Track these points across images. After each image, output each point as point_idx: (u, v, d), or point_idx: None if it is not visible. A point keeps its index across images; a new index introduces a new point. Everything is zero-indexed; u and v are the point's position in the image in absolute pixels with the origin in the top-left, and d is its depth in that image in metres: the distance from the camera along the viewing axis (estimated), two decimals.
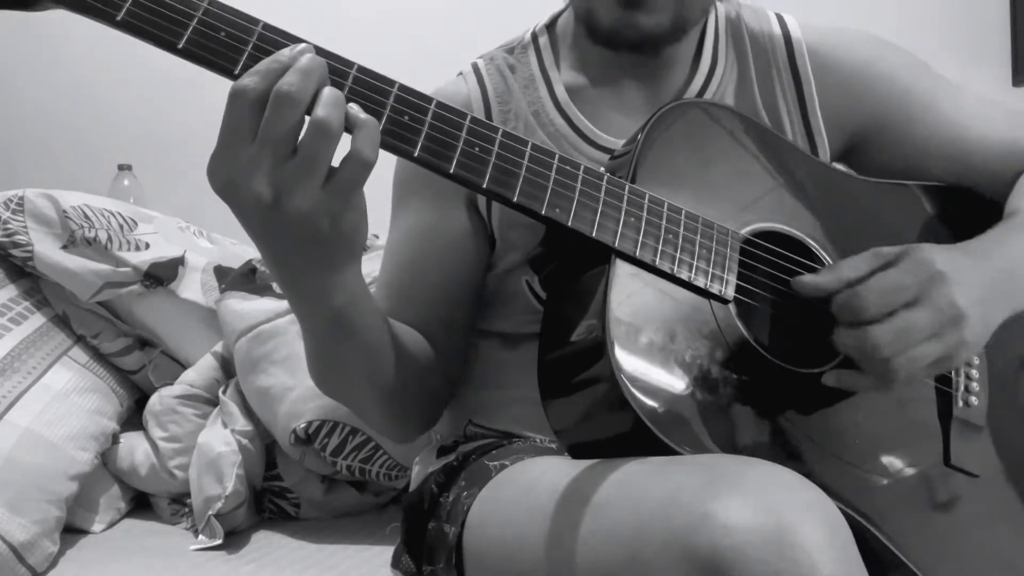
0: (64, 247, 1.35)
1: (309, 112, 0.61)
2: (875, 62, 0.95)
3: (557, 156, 0.71)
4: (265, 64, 0.61)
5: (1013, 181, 0.92)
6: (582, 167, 0.71)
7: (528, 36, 0.98)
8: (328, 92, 0.61)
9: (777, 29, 0.95)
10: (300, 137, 0.61)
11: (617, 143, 0.90)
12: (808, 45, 0.94)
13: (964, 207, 0.92)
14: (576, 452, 0.74)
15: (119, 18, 0.61)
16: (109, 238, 1.36)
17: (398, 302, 0.92)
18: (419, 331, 0.90)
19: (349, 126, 0.63)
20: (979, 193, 0.94)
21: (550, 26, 0.98)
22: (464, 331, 0.95)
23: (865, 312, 0.69)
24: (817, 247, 0.81)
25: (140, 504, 1.38)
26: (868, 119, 0.94)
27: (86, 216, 1.37)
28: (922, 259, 0.72)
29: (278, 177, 0.61)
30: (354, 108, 0.63)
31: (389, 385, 0.81)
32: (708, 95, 0.93)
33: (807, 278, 0.74)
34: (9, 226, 1.34)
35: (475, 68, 0.97)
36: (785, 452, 0.70)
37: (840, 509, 0.63)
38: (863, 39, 0.96)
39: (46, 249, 1.34)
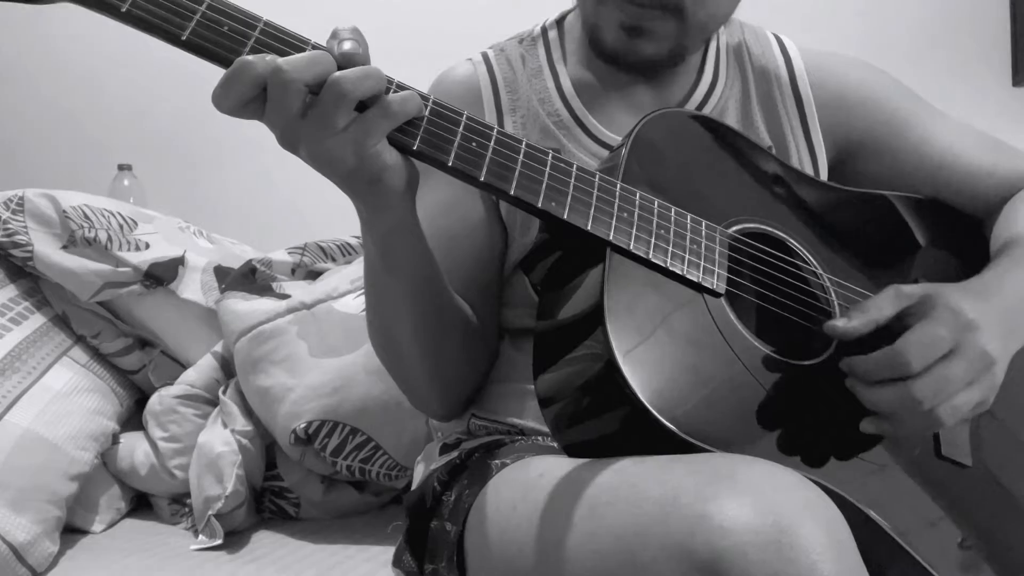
0: (64, 247, 1.35)
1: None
2: (865, 83, 1.00)
3: (551, 154, 0.72)
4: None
5: (987, 202, 0.97)
6: (575, 165, 0.73)
7: (538, 29, 1.01)
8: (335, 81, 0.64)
9: (780, 59, 1.00)
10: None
11: (619, 140, 0.91)
12: (808, 71, 0.99)
13: (935, 216, 0.97)
14: (573, 451, 0.74)
15: (124, 10, 0.63)
16: (109, 238, 1.36)
17: None
18: None
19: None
20: (950, 205, 0.99)
21: (560, 21, 1.01)
22: (497, 308, 0.96)
23: (909, 369, 0.69)
24: (798, 246, 0.83)
25: (140, 504, 1.38)
26: (856, 134, 0.99)
27: (86, 216, 1.37)
28: (954, 308, 0.73)
29: (293, 129, 0.65)
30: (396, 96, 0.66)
31: (433, 331, 0.84)
32: (711, 104, 0.96)
33: (839, 323, 0.74)
34: (9, 226, 1.34)
35: (485, 57, 0.99)
36: (781, 443, 0.70)
37: (841, 499, 0.63)
38: (858, 65, 1.02)
39: (46, 249, 1.34)
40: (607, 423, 0.69)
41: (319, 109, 0.64)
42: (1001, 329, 0.75)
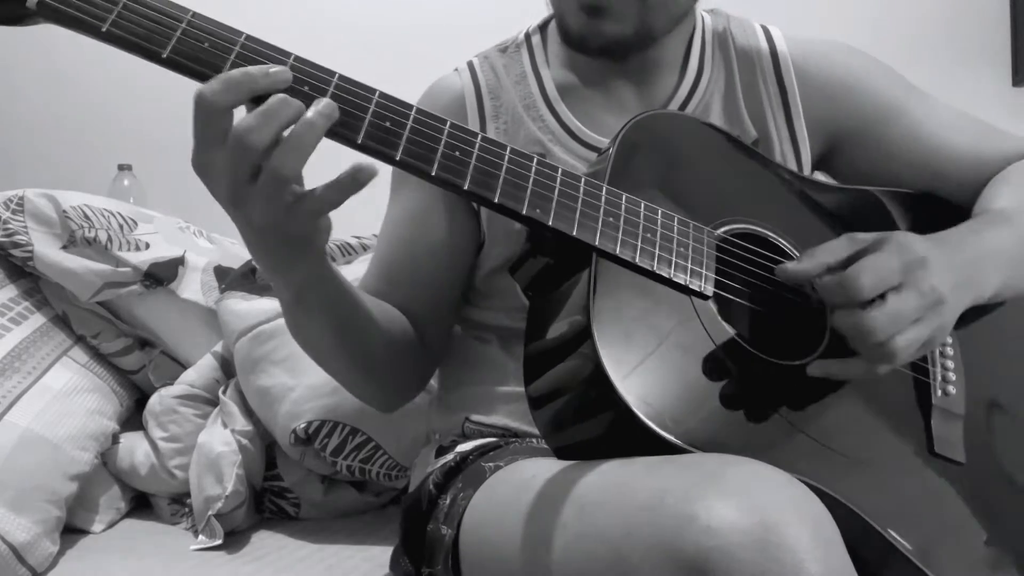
0: (64, 247, 1.35)
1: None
2: (855, 72, 0.99)
3: (535, 159, 0.72)
4: (236, 75, 0.63)
5: (978, 190, 0.95)
6: (560, 170, 0.73)
7: (522, 35, 1.02)
8: (294, 133, 0.63)
9: (764, 42, 0.99)
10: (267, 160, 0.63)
11: (605, 142, 0.91)
12: (793, 57, 0.98)
13: (925, 212, 0.96)
14: (564, 454, 0.74)
15: (104, 30, 0.63)
16: (109, 238, 1.37)
17: (386, 282, 0.96)
18: (404, 311, 0.93)
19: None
20: (941, 199, 0.97)
21: (543, 27, 1.01)
22: (449, 316, 0.99)
23: (860, 293, 0.70)
24: (788, 246, 0.83)
25: (140, 504, 1.38)
26: (846, 125, 0.98)
27: (86, 216, 1.37)
28: (904, 243, 0.74)
29: (240, 191, 0.65)
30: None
31: (357, 354, 0.86)
32: (695, 101, 0.96)
33: (789, 265, 0.75)
34: (9, 226, 1.34)
35: (470, 65, 1.00)
36: (773, 443, 0.70)
37: (834, 500, 0.63)
38: (844, 51, 1.00)
39: (46, 249, 1.34)
40: (596, 426, 0.69)
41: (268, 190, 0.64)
42: (952, 275, 0.75)
